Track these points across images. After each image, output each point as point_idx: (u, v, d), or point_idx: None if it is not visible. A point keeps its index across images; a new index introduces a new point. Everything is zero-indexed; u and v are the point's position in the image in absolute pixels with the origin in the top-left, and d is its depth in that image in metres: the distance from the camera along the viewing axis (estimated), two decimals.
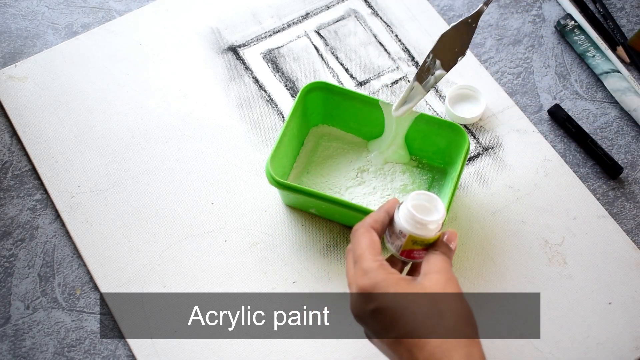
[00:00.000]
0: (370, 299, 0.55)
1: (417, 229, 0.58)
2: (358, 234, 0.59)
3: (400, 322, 0.53)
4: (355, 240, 0.58)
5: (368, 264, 0.56)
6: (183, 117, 0.82)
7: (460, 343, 0.52)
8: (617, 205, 0.80)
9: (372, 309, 0.55)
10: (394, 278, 0.55)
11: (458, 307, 0.54)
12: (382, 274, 0.55)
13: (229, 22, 0.89)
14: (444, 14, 0.90)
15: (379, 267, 0.56)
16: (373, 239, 0.58)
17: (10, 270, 0.74)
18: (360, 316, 0.57)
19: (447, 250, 0.59)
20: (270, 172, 0.70)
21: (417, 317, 0.53)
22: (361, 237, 0.58)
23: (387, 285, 0.55)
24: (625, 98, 0.84)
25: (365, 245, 0.57)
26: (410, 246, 0.59)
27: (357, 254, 0.57)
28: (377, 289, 0.55)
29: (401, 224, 0.59)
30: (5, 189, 0.78)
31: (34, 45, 0.86)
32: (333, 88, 0.77)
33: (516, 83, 0.86)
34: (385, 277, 0.55)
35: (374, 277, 0.55)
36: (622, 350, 0.71)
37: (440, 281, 0.56)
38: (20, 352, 0.70)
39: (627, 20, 0.91)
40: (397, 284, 0.55)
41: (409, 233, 0.58)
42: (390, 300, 0.54)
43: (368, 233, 0.58)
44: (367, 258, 0.56)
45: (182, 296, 0.72)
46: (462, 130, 0.73)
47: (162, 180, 0.78)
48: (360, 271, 0.56)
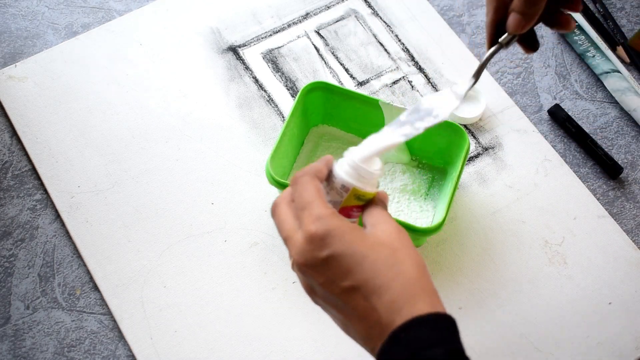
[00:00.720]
0: (324, 245, 0.51)
1: (362, 181, 0.55)
2: (303, 181, 0.55)
3: (358, 269, 0.51)
4: (301, 188, 0.54)
5: (320, 210, 0.52)
6: (183, 117, 0.82)
7: (423, 293, 0.51)
8: (617, 205, 0.80)
9: (326, 255, 0.51)
10: (349, 225, 0.52)
11: (416, 256, 0.52)
12: (336, 220, 0.52)
13: (229, 22, 0.89)
14: (444, 14, 0.90)
15: (332, 214, 0.53)
16: (319, 187, 0.54)
17: (10, 270, 0.74)
18: (308, 264, 0.52)
19: (384, 206, 0.57)
20: (270, 172, 0.70)
21: (376, 264, 0.51)
22: (307, 184, 0.54)
23: (343, 232, 0.52)
24: (625, 98, 0.84)
25: (314, 192, 0.54)
26: (352, 202, 0.56)
27: (305, 200, 0.53)
28: (331, 235, 0.51)
29: (343, 177, 0.55)
30: (5, 189, 0.78)
31: (34, 45, 0.86)
32: (333, 88, 0.77)
33: (516, 83, 0.86)
34: (340, 224, 0.52)
35: (328, 224, 0.52)
36: (622, 350, 0.71)
37: (394, 231, 0.53)
38: (20, 352, 0.70)
39: (627, 20, 0.91)
40: (352, 231, 0.52)
41: (353, 186, 0.55)
42: (346, 247, 0.51)
43: (314, 181, 0.55)
44: (318, 204, 0.53)
45: (182, 296, 0.72)
46: (462, 130, 0.73)
47: (162, 180, 0.78)
48: (310, 217, 0.52)
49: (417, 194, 0.77)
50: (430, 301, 0.50)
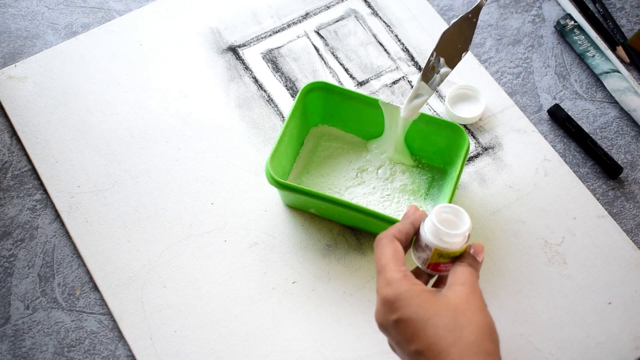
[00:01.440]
0: (393, 309, 0.55)
1: (443, 242, 0.58)
2: (382, 244, 0.58)
3: (422, 334, 0.53)
4: (379, 250, 0.58)
5: (392, 274, 0.56)
6: (183, 117, 0.82)
7: (480, 357, 0.52)
8: (616, 205, 0.80)
9: (395, 319, 0.55)
10: (417, 289, 0.55)
11: (480, 320, 0.54)
12: (406, 284, 0.55)
13: (229, 22, 0.89)
14: (444, 14, 0.90)
15: (403, 278, 0.55)
16: (397, 249, 0.58)
17: (10, 270, 0.74)
18: (383, 326, 0.56)
19: (473, 262, 0.58)
20: (270, 172, 0.70)
21: (438, 329, 0.53)
22: (385, 247, 0.58)
23: (411, 296, 0.54)
24: (625, 98, 0.84)
25: (389, 256, 0.57)
26: (437, 259, 0.59)
27: (380, 264, 0.57)
28: (400, 299, 0.54)
29: (427, 237, 0.58)
30: (5, 189, 0.78)
31: (34, 45, 0.86)
32: (333, 88, 0.77)
33: (516, 83, 0.86)
34: (409, 288, 0.55)
35: (398, 288, 0.55)
36: (622, 350, 0.71)
37: (464, 294, 0.55)
38: (20, 352, 0.70)
39: (627, 20, 0.91)
40: (420, 295, 0.55)
41: (435, 246, 0.58)
42: (412, 311, 0.54)
43: (392, 243, 0.58)
44: (391, 268, 0.56)
45: (182, 296, 0.72)
46: (462, 130, 0.73)
47: (162, 180, 0.78)
48: (383, 281, 0.56)
49: (417, 194, 0.77)
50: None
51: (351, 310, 0.72)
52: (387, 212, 0.75)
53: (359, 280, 0.74)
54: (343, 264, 0.74)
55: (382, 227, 0.73)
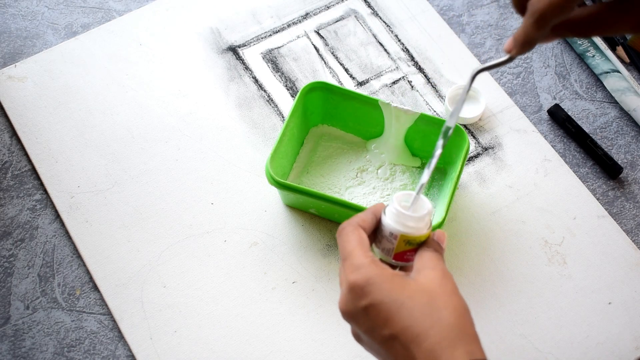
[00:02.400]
0: (363, 294, 0.53)
1: (409, 227, 0.56)
2: (346, 232, 0.56)
3: (396, 317, 0.51)
4: (344, 238, 0.56)
5: (359, 260, 0.54)
6: (183, 117, 0.82)
7: (461, 340, 0.51)
8: (616, 205, 0.80)
9: (366, 305, 0.52)
10: (387, 273, 0.53)
11: (456, 303, 0.52)
12: (375, 269, 0.53)
13: (228, 22, 0.89)
14: (444, 14, 0.90)
15: (372, 263, 0.54)
16: (362, 237, 0.56)
17: (10, 270, 0.74)
18: (350, 314, 0.54)
19: (438, 248, 0.57)
20: (270, 172, 0.70)
21: (414, 312, 0.51)
22: (350, 235, 0.56)
23: (382, 280, 0.53)
24: (625, 98, 0.84)
25: (355, 242, 0.55)
26: (403, 247, 0.57)
27: (346, 251, 0.55)
28: (370, 284, 0.52)
29: (391, 225, 0.57)
30: (5, 189, 0.78)
31: (34, 45, 0.86)
32: (333, 88, 0.77)
33: (516, 83, 0.86)
34: (379, 272, 0.53)
35: (367, 273, 0.53)
36: (622, 350, 0.71)
37: (436, 277, 0.54)
38: (20, 352, 0.70)
39: None
40: (391, 279, 0.53)
41: (401, 233, 0.56)
42: (385, 295, 0.52)
43: (357, 231, 0.56)
44: (358, 254, 0.54)
45: (182, 296, 0.72)
46: (462, 130, 0.73)
47: (162, 180, 0.78)
48: (350, 267, 0.54)
49: None
50: (468, 349, 0.51)
51: None
52: None
53: None
54: None
55: None
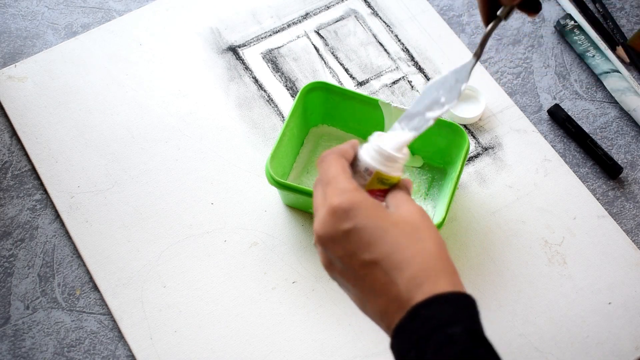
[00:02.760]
0: (347, 217, 0.51)
1: (386, 165, 0.56)
2: (329, 159, 0.55)
3: (380, 241, 0.51)
4: (326, 164, 0.55)
5: (344, 184, 0.53)
6: (183, 117, 0.82)
7: (444, 271, 0.50)
8: (616, 205, 0.80)
9: (348, 228, 0.51)
10: (372, 201, 0.53)
11: (437, 237, 0.52)
12: (360, 195, 0.52)
13: (228, 22, 0.89)
14: (444, 14, 0.90)
15: (356, 189, 0.53)
16: (344, 165, 0.55)
17: (10, 270, 0.74)
18: (329, 237, 0.52)
19: (408, 192, 0.57)
20: (270, 172, 0.70)
21: (399, 239, 0.51)
22: (333, 162, 0.55)
23: (366, 206, 0.52)
24: (625, 98, 0.84)
25: (339, 169, 0.54)
26: (375, 185, 0.56)
27: (329, 175, 0.54)
28: (355, 207, 0.51)
29: (367, 161, 0.56)
30: (5, 189, 0.78)
31: (34, 45, 0.86)
32: (333, 88, 0.77)
33: (516, 83, 0.86)
34: (364, 198, 0.52)
35: (352, 197, 0.52)
36: (622, 350, 0.71)
37: (417, 211, 0.53)
38: (20, 352, 0.70)
39: (627, 20, 0.91)
40: (377, 206, 0.52)
41: (376, 170, 0.55)
42: (370, 220, 0.51)
43: (340, 159, 0.55)
44: (343, 179, 0.53)
45: (182, 296, 0.72)
46: (462, 130, 0.74)
47: (162, 180, 0.78)
48: (335, 190, 0.52)
49: (417, 194, 0.77)
50: (451, 280, 0.50)
51: (351, 310, 0.72)
52: None
53: None
54: None
55: None
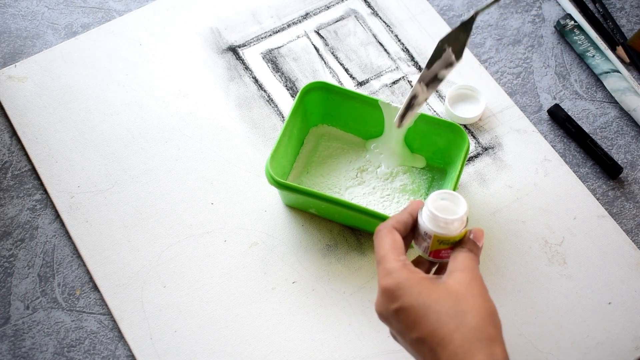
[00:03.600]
0: (394, 298, 0.55)
1: (441, 228, 0.58)
2: (380, 235, 0.59)
3: (423, 321, 0.54)
4: (378, 241, 0.58)
5: (391, 264, 0.56)
6: (183, 117, 0.82)
7: (483, 343, 0.53)
8: (617, 205, 0.80)
9: (395, 308, 0.55)
10: (417, 277, 0.55)
11: (481, 306, 0.54)
12: (405, 273, 0.55)
13: (228, 22, 0.89)
14: (444, 14, 0.90)
15: (402, 267, 0.56)
16: (395, 239, 0.58)
17: (10, 270, 0.74)
18: (384, 316, 0.57)
19: (473, 248, 0.58)
20: (270, 172, 0.70)
21: (440, 316, 0.53)
22: (384, 238, 0.58)
23: (411, 284, 0.55)
24: (625, 98, 0.84)
25: (388, 246, 0.57)
26: (437, 246, 0.59)
27: (380, 254, 0.58)
28: (400, 288, 0.55)
29: (425, 225, 0.59)
30: (5, 189, 0.78)
31: (34, 45, 0.86)
32: (333, 88, 0.77)
33: (516, 83, 0.86)
34: (409, 277, 0.55)
35: (397, 277, 0.55)
36: (622, 350, 0.71)
37: (465, 280, 0.55)
38: (20, 352, 0.70)
39: (627, 20, 0.91)
40: (420, 282, 0.55)
41: (434, 233, 0.58)
42: (413, 299, 0.54)
43: (390, 234, 0.58)
44: (390, 258, 0.57)
45: (182, 296, 0.72)
46: (462, 130, 0.73)
47: (162, 180, 0.78)
48: (383, 271, 0.56)
49: (417, 194, 0.77)
50: (489, 352, 0.52)
51: (351, 310, 0.72)
52: (387, 212, 0.75)
53: (359, 280, 0.74)
54: (343, 264, 0.74)
55: None
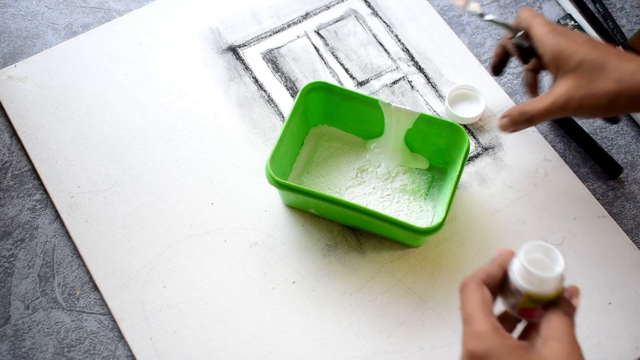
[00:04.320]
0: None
1: (535, 286, 0.51)
2: (469, 290, 0.53)
3: None
4: (466, 297, 0.53)
5: (480, 326, 0.50)
6: (183, 117, 0.82)
7: None
8: (617, 205, 0.80)
9: None
10: (509, 345, 0.50)
11: None
12: (496, 339, 0.50)
13: (228, 22, 0.89)
14: (444, 14, 0.90)
15: (493, 331, 0.50)
16: (485, 297, 0.52)
17: (10, 270, 0.74)
18: None
19: (569, 310, 0.52)
20: (270, 172, 0.70)
21: None
22: (472, 294, 0.52)
23: (502, 353, 0.49)
24: None
25: (477, 304, 0.52)
26: (528, 304, 0.52)
27: (467, 312, 0.52)
28: (490, 356, 0.49)
29: (517, 280, 0.52)
30: (5, 189, 0.78)
31: (34, 45, 0.86)
32: (333, 88, 0.77)
33: (516, 83, 0.86)
34: (500, 344, 0.50)
35: (487, 343, 0.50)
36: (622, 350, 0.71)
37: (563, 352, 0.50)
38: (20, 352, 0.70)
39: (627, 20, 0.91)
40: (513, 352, 0.49)
41: (526, 291, 0.52)
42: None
43: (480, 289, 0.52)
44: (479, 319, 0.51)
45: (182, 296, 0.72)
46: (462, 130, 0.74)
47: (162, 180, 0.78)
48: (471, 333, 0.51)
49: (417, 194, 0.77)
50: None
51: (351, 310, 0.72)
52: (387, 212, 0.75)
53: (359, 280, 0.74)
54: (343, 264, 0.75)
55: (381, 227, 0.73)
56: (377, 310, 0.72)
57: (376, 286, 0.73)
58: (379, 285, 0.73)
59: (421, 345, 0.71)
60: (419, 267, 0.74)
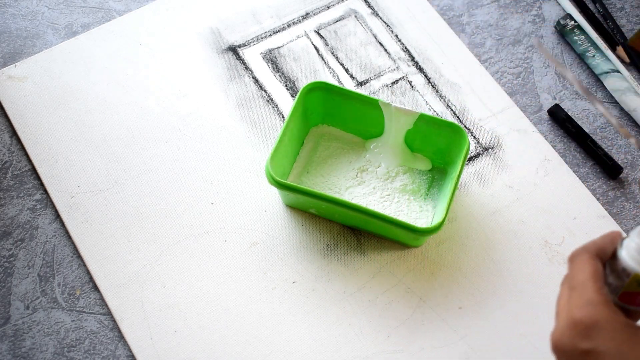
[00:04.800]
0: (587, 336, 0.46)
1: None
2: (582, 259, 0.50)
3: None
4: (577, 266, 0.50)
5: (591, 295, 0.47)
6: (183, 117, 0.82)
7: None
8: (617, 205, 0.80)
9: (587, 348, 0.46)
10: (621, 320, 0.46)
11: None
12: (608, 312, 0.46)
13: (228, 22, 0.89)
14: (444, 14, 0.90)
15: (605, 303, 0.47)
16: (598, 268, 0.49)
17: (10, 270, 0.74)
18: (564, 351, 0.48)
19: None
20: (270, 172, 0.70)
21: None
22: (585, 263, 0.49)
23: (613, 327, 0.46)
24: (625, 98, 0.84)
25: (590, 274, 0.49)
26: (634, 288, 0.49)
27: (577, 280, 0.49)
28: (598, 327, 0.46)
29: (626, 261, 0.49)
30: (5, 189, 0.78)
31: (34, 45, 0.86)
32: (333, 88, 0.77)
33: (516, 83, 0.86)
34: (611, 317, 0.46)
35: (597, 313, 0.46)
36: None
37: None
38: (20, 352, 0.70)
39: (627, 20, 0.91)
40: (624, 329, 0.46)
41: (635, 272, 0.49)
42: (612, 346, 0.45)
43: (593, 260, 0.50)
44: (592, 287, 0.48)
45: (182, 296, 0.72)
46: (462, 130, 0.74)
47: (162, 180, 0.78)
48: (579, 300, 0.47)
49: (417, 194, 0.77)
50: None
51: (351, 310, 0.72)
52: (387, 212, 0.75)
53: (359, 280, 0.74)
54: (343, 264, 0.75)
55: (381, 227, 0.73)
56: (377, 310, 0.72)
57: (376, 286, 0.73)
58: (379, 285, 0.73)
59: (421, 345, 0.71)
60: (419, 267, 0.74)
